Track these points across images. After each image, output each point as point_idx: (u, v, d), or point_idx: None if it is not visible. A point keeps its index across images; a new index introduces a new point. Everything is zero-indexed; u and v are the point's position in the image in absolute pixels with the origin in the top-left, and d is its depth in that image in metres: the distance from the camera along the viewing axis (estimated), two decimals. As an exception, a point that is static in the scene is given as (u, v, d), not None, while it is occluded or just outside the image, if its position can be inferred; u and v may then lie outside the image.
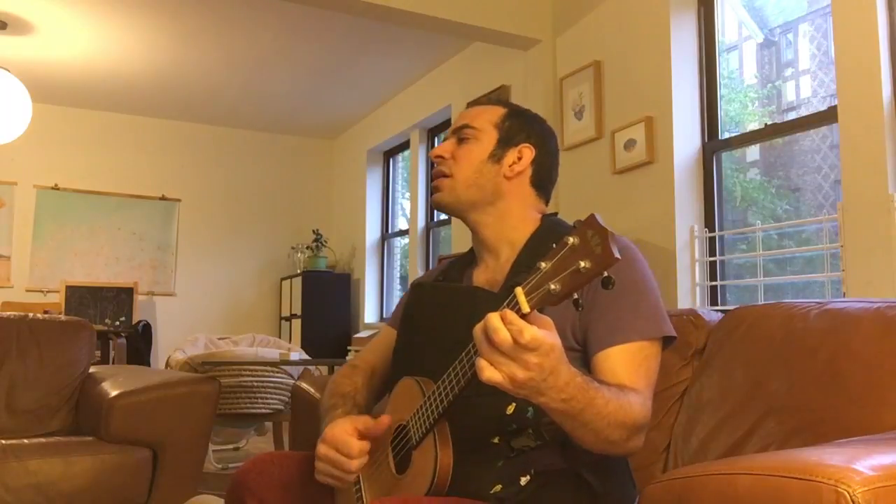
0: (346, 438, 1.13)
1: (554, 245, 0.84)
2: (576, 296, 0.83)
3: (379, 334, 1.47)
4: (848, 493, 0.70)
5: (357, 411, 1.28)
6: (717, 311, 1.88)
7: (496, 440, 1.10)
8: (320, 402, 1.35)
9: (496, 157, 1.26)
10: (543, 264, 0.84)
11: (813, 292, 2.80)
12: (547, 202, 1.32)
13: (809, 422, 1.26)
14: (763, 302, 2.13)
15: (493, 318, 0.85)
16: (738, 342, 1.46)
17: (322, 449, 1.15)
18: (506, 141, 1.27)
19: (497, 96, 1.41)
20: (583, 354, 1.14)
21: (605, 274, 0.81)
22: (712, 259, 3.13)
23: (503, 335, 0.83)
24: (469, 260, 1.35)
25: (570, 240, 0.82)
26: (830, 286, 2.68)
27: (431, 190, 1.31)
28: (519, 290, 0.85)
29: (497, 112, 1.30)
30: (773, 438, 1.30)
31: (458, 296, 1.25)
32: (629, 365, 1.09)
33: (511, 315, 0.84)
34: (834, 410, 1.23)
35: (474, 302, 1.18)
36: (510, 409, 1.08)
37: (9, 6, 4.24)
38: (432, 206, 1.39)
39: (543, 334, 0.85)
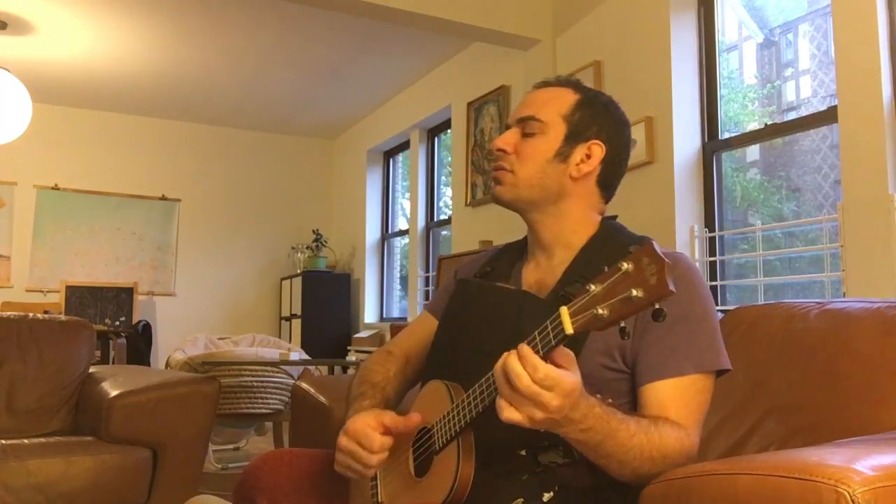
0: (368, 432, 1.10)
1: (606, 268, 0.81)
2: (623, 324, 0.80)
3: (417, 320, 1.40)
4: (848, 493, 0.70)
5: (385, 403, 1.24)
6: (717, 311, 1.88)
7: (523, 452, 1.06)
8: (350, 386, 1.31)
9: (563, 154, 1.16)
10: (594, 287, 0.81)
11: (813, 292, 2.80)
12: (609, 199, 1.25)
13: (809, 422, 1.25)
14: (763, 302, 2.13)
15: (513, 362, 0.84)
16: (738, 342, 1.46)
17: (344, 441, 1.12)
18: (574, 136, 1.17)
19: (580, 81, 1.26)
20: (629, 378, 1.09)
21: (657, 306, 0.77)
22: (712, 259, 3.13)
23: (524, 382, 0.83)
24: (520, 252, 1.28)
25: (625, 265, 0.79)
26: (830, 286, 2.67)
27: (493, 181, 1.22)
28: (564, 311, 0.83)
29: (567, 100, 1.19)
30: (773, 438, 1.30)
31: (504, 299, 1.18)
32: (680, 399, 1.04)
33: (527, 352, 0.84)
34: (834, 410, 1.23)
35: (521, 308, 1.13)
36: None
37: (9, 6, 4.24)
38: (492, 193, 1.31)
39: (558, 373, 0.84)
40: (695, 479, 0.86)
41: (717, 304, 3.07)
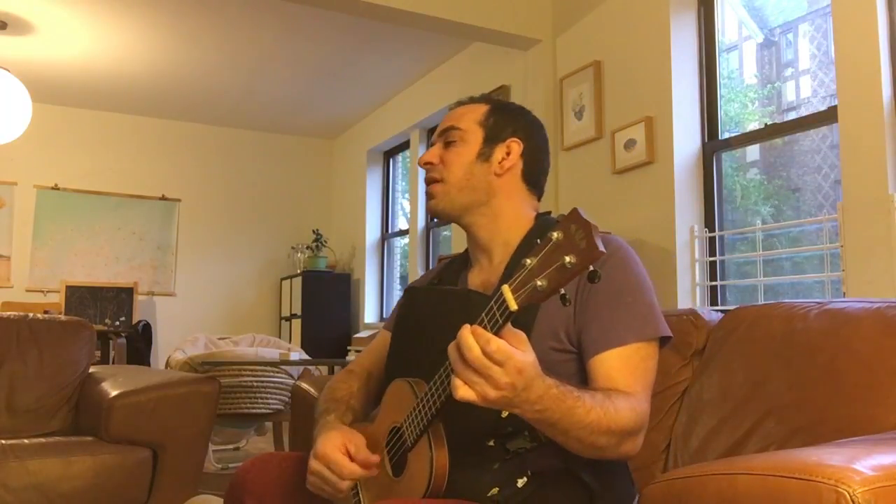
0: (337, 458, 1.11)
1: (538, 241, 0.84)
2: (563, 291, 0.82)
3: (375, 338, 1.47)
4: (848, 493, 0.70)
5: (352, 415, 1.28)
6: (717, 311, 1.88)
7: (491, 443, 1.09)
8: (315, 407, 1.35)
9: (485, 155, 1.24)
10: (529, 261, 0.83)
11: (813, 292, 2.80)
12: (540, 197, 1.31)
13: (809, 422, 1.26)
14: (763, 302, 2.13)
15: (466, 336, 0.86)
16: (738, 342, 1.46)
17: (314, 465, 1.14)
18: (492, 138, 1.25)
19: (492, 94, 1.41)
20: (577, 357, 1.13)
21: (591, 268, 0.80)
22: (712, 259, 3.13)
23: (475, 353, 0.84)
24: (464, 262, 1.34)
25: (555, 235, 0.81)
26: (830, 286, 2.68)
27: (426, 197, 1.30)
28: (506, 288, 0.85)
29: (480, 110, 1.28)
30: (773, 438, 1.30)
31: (451, 299, 1.24)
32: (625, 368, 1.08)
33: (479, 329, 0.85)
34: (834, 410, 1.23)
35: (468, 305, 1.17)
36: (504, 412, 1.06)
37: (9, 6, 4.24)
38: (427, 209, 1.40)
39: (510, 349, 0.85)
40: (695, 479, 0.86)
41: (717, 304, 3.08)
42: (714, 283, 3.11)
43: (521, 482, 1.08)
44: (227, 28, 4.62)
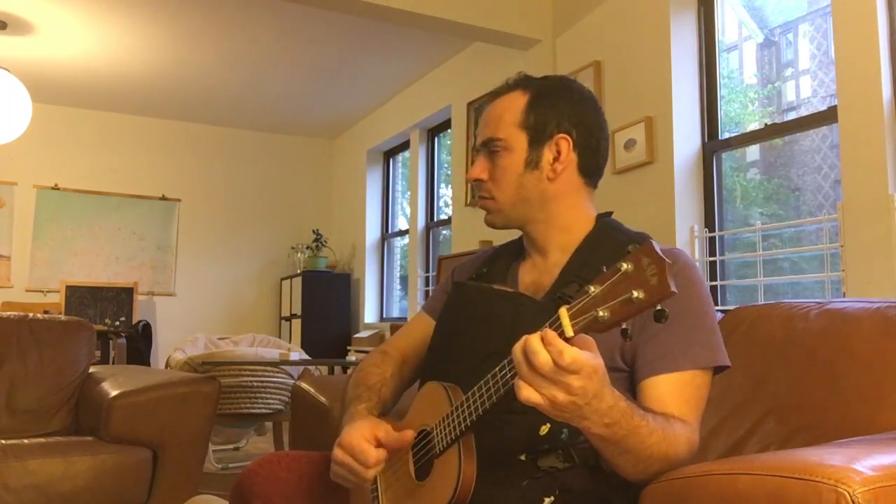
0: (364, 447, 1.08)
1: (605, 268, 0.79)
2: (624, 325, 0.78)
3: (414, 320, 1.40)
4: (848, 493, 0.70)
5: (381, 406, 1.24)
6: (717, 311, 1.88)
7: (523, 458, 1.05)
8: (346, 389, 1.30)
9: (533, 162, 1.16)
10: (593, 288, 0.79)
11: (813, 292, 2.80)
12: (597, 183, 1.24)
13: (809, 422, 1.26)
14: (763, 302, 2.13)
15: (534, 341, 0.81)
16: (738, 342, 1.46)
17: (339, 454, 1.11)
18: (537, 139, 1.16)
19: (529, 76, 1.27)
20: (629, 376, 1.09)
21: (659, 307, 0.76)
22: (712, 259, 3.13)
23: (543, 358, 0.80)
24: (516, 253, 1.28)
25: (624, 266, 0.77)
26: (830, 286, 2.67)
27: (483, 209, 1.24)
28: (563, 312, 0.81)
29: (517, 106, 1.18)
30: (773, 438, 1.30)
31: (501, 301, 1.17)
32: (680, 395, 1.04)
33: (551, 336, 0.80)
34: (834, 410, 1.23)
35: (517, 310, 1.12)
36: (544, 429, 1.03)
37: (9, 6, 4.24)
38: (485, 220, 1.33)
39: (586, 356, 0.80)
40: (695, 479, 0.86)
41: (717, 304, 3.08)
42: (714, 283, 3.11)
43: (548, 501, 1.03)
44: (227, 28, 4.62)
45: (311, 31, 4.66)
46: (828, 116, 2.70)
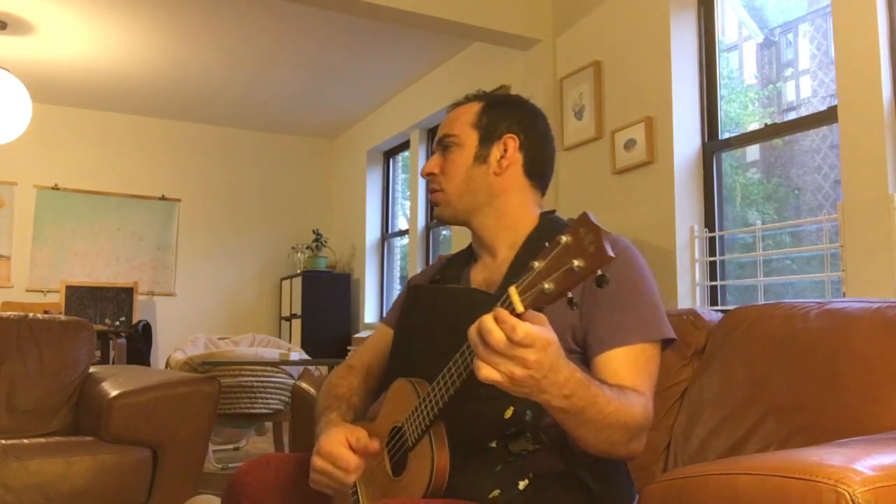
0: (342, 453, 1.11)
1: (547, 244, 0.83)
2: (570, 295, 0.82)
3: (375, 333, 1.46)
4: (848, 493, 0.70)
5: (352, 413, 1.27)
6: (717, 311, 1.88)
7: (493, 444, 1.09)
8: (316, 404, 1.34)
9: (481, 157, 1.24)
10: (537, 263, 0.83)
11: (813, 292, 2.80)
12: (545, 188, 1.30)
13: (809, 422, 1.26)
14: (763, 302, 2.13)
15: (487, 320, 0.84)
16: (738, 342, 1.46)
17: (318, 462, 1.13)
18: (487, 138, 1.25)
19: (489, 91, 1.40)
20: (582, 357, 1.13)
21: (599, 272, 0.80)
22: (712, 259, 3.13)
23: (497, 336, 0.83)
24: (467, 258, 1.34)
25: (564, 238, 0.81)
26: (830, 286, 2.67)
27: (431, 205, 1.30)
28: (513, 290, 0.84)
29: (473, 110, 1.27)
30: (773, 438, 1.30)
31: (455, 297, 1.23)
32: (631, 367, 1.09)
33: (503, 314, 0.83)
34: (834, 410, 1.23)
35: (471, 304, 1.16)
36: (508, 412, 1.06)
37: (9, 6, 4.24)
38: (433, 215, 1.44)
39: (538, 330, 0.84)
40: (695, 479, 0.86)
41: (717, 304, 3.08)
42: (714, 283, 3.11)
43: (522, 484, 1.07)
44: (227, 28, 4.62)
45: (311, 31, 4.66)
46: (828, 116, 2.70)
